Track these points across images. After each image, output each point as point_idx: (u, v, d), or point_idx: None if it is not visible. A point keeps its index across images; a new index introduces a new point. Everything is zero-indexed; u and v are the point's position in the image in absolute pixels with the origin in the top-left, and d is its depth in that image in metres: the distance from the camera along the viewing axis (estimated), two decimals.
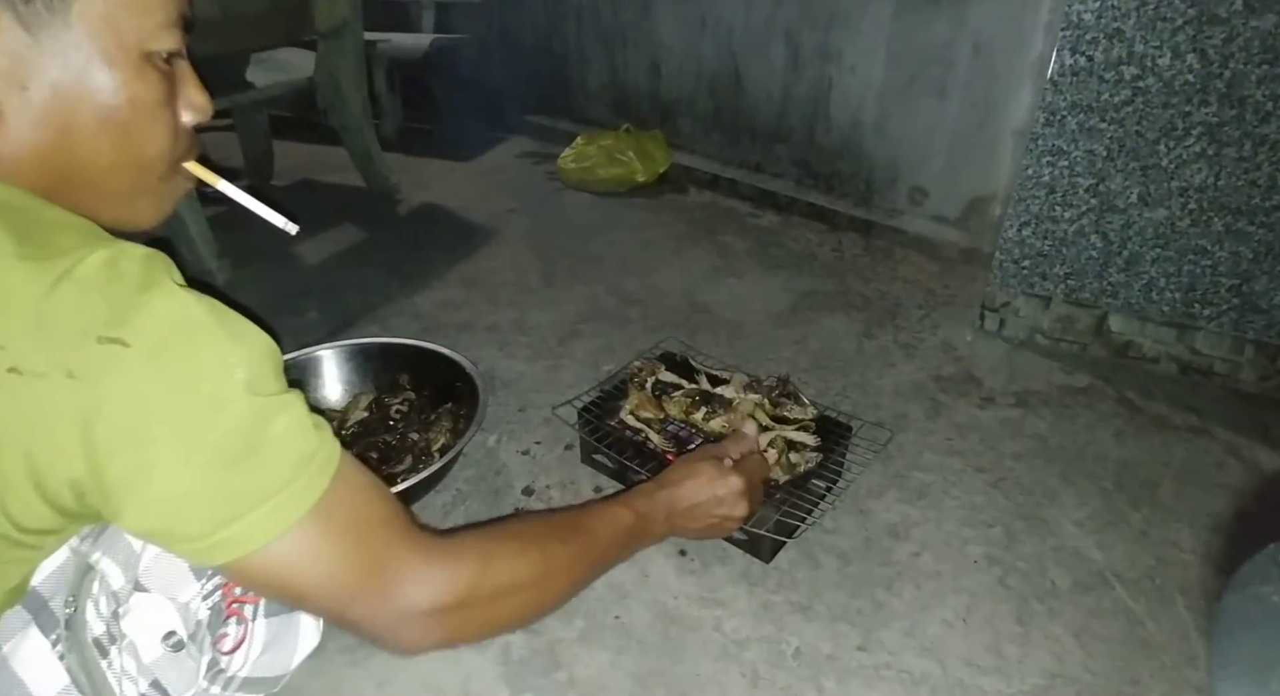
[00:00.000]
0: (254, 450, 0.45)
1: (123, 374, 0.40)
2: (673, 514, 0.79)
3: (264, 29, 1.91)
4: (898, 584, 0.97)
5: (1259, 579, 0.53)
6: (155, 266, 0.44)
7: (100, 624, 0.51)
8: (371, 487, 0.52)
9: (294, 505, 0.46)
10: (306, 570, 0.48)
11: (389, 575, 0.51)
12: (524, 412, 1.32)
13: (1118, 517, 1.09)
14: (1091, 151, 1.34)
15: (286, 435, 0.46)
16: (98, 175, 0.50)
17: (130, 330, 0.40)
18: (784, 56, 2.21)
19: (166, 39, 0.49)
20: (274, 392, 0.46)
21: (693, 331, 1.57)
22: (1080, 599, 0.96)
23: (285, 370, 1.36)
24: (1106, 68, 1.28)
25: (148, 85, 0.49)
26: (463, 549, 0.56)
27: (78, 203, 0.50)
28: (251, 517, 0.44)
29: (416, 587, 0.51)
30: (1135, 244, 1.37)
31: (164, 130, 0.52)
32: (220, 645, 0.58)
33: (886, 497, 1.11)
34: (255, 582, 0.48)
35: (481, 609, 0.56)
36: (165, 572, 0.53)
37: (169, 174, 0.54)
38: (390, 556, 0.51)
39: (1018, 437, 1.25)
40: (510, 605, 0.58)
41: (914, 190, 2.05)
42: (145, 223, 0.55)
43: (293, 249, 1.99)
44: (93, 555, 0.50)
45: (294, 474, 0.46)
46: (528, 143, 3.03)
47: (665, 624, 0.92)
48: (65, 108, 0.46)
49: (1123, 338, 1.45)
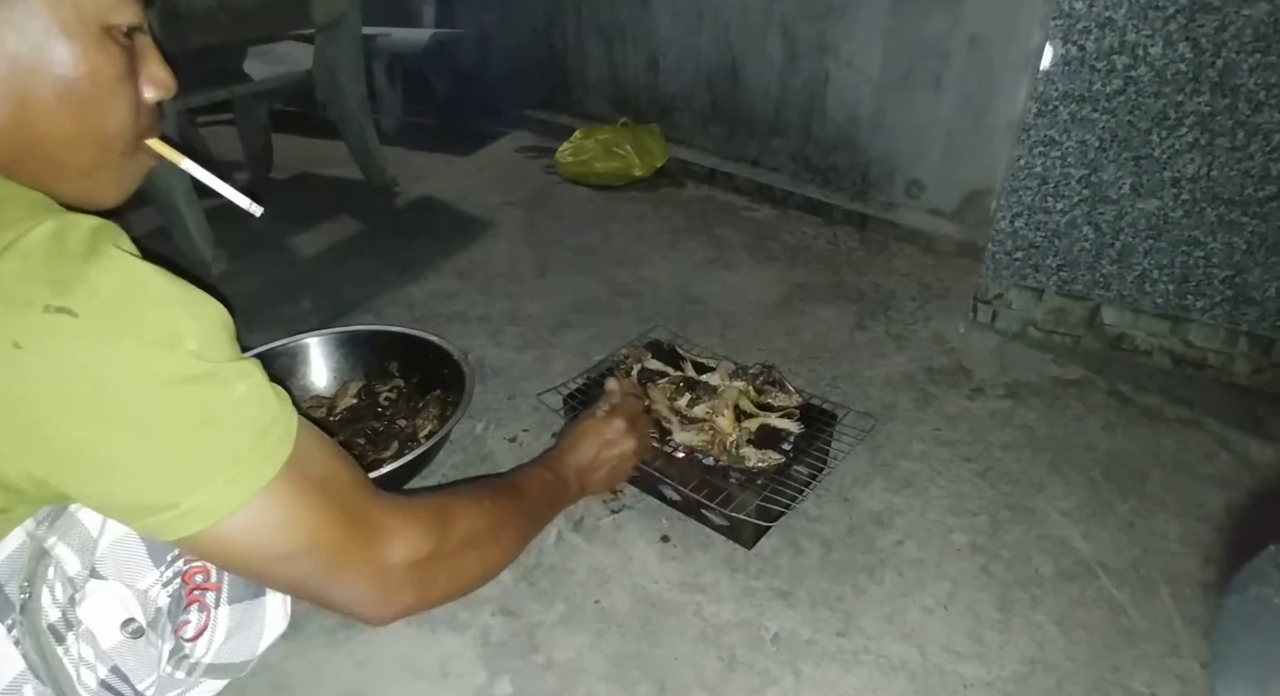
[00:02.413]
0: (213, 416, 0.44)
1: (71, 343, 0.40)
2: (578, 472, 0.91)
3: (261, 21, 1.91)
4: (880, 571, 0.97)
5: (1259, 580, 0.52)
6: (103, 236, 0.43)
7: (56, 610, 0.50)
8: (334, 452, 0.53)
9: (262, 468, 0.46)
10: (282, 533, 0.48)
11: (364, 529, 0.52)
12: (512, 401, 1.32)
13: (1105, 508, 1.08)
14: (1084, 142, 1.34)
15: (247, 400, 0.46)
16: (57, 149, 0.49)
17: (76, 299, 0.40)
18: (781, 49, 2.21)
19: (127, 12, 0.49)
20: (227, 360, 0.46)
21: (685, 322, 1.57)
22: (1064, 587, 0.95)
23: (275, 357, 1.35)
24: (1098, 57, 1.28)
25: (108, 58, 0.49)
26: (422, 505, 0.59)
27: (36, 177, 0.49)
28: (218, 483, 0.44)
29: (392, 540, 0.54)
30: (1128, 235, 1.36)
31: (125, 105, 0.51)
32: (182, 632, 0.58)
33: (872, 486, 1.11)
34: (229, 553, 0.48)
35: (450, 560, 0.59)
36: (122, 560, 0.53)
37: (130, 150, 0.54)
38: (362, 512, 0.53)
39: (1006, 428, 1.24)
40: (473, 557, 0.63)
41: (910, 183, 2.05)
42: (107, 200, 0.55)
43: (289, 240, 2.00)
44: (48, 540, 0.50)
45: (258, 438, 0.46)
46: (526, 136, 3.03)
47: (645, 608, 0.92)
48: (23, 80, 0.46)
49: (1115, 330, 1.44)
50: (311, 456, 0.50)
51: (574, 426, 0.96)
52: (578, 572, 0.96)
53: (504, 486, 0.77)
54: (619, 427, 0.95)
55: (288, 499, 0.48)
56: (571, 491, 0.90)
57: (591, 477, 0.93)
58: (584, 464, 0.92)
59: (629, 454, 0.96)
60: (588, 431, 0.95)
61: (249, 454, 0.46)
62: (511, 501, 0.74)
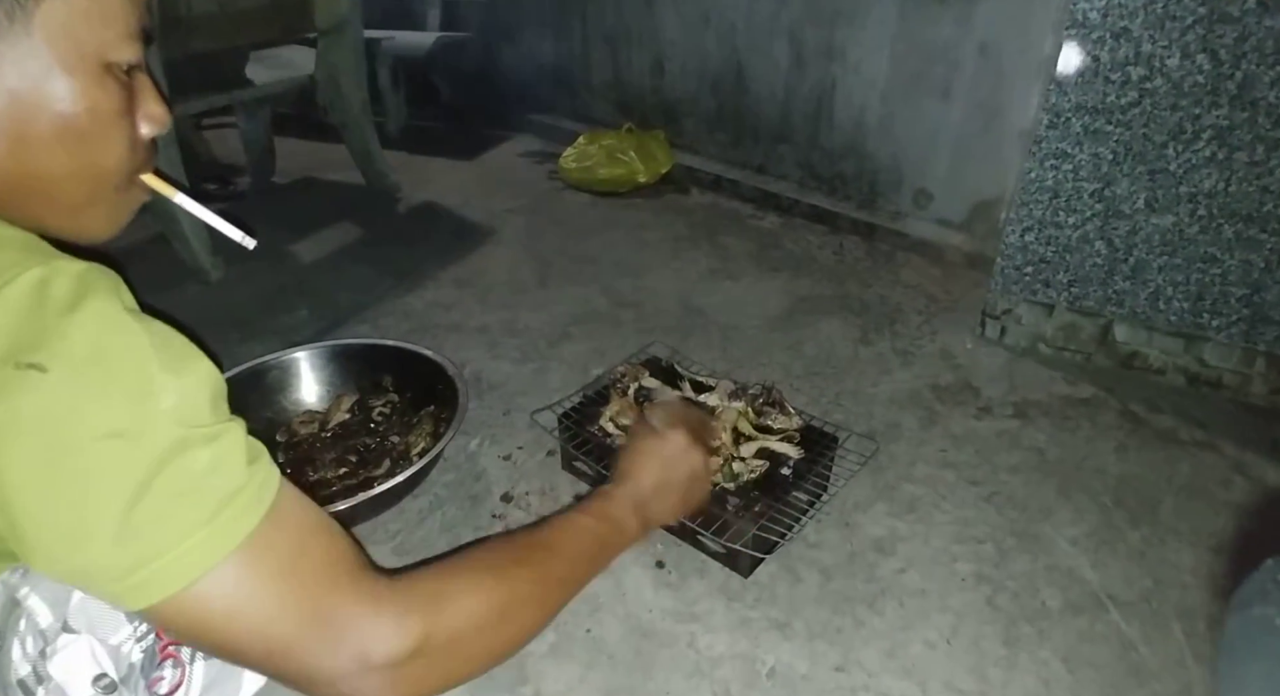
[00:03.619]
0: (174, 483, 0.42)
1: (37, 397, 0.38)
2: (641, 504, 0.74)
3: (263, 25, 1.90)
4: (881, 601, 0.94)
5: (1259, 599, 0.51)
6: (89, 285, 0.41)
7: (26, 664, 0.48)
8: (315, 524, 0.48)
9: (219, 541, 0.42)
10: (237, 615, 0.43)
11: (331, 623, 0.46)
12: (508, 416, 1.29)
13: (1115, 536, 1.05)
14: (1097, 155, 1.30)
15: (212, 468, 0.43)
16: (52, 185, 0.48)
17: (49, 354, 0.38)
18: (787, 55, 2.18)
19: (127, 50, 0.49)
20: (205, 424, 0.43)
21: (685, 335, 1.54)
22: (1071, 621, 0.92)
23: (268, 370, 1.33)
24: (1113, 68, 1.24)
25: (107, 95, 0.48)
26: (412, 591, 0.50)
27: (28, 212, 0.48)
28: (172, 556, 0.41)
29: (364, 638, 0.46)
30: (1142, 251, 1.33)
31: (122, 141, 0.51)
32: (156, 688, 0.56)
33: (874, 511, 1.08)
34: (182, 630, 0.44)
35: (441, 657, 0.50)
36: (96, 613, 0.50)
37: (125, 185, 0.53)
38: (331, 602, 0.46)
39: (1014, 450, 1.21)
40: (475, 647, 0.53)
41: (918, 193, 2.01)
42: (99, 235, 0.53)
43: (288, 247, 1.98)
44: (20, 589, 0.48)
45: (218, 508, 0.43)
46: (531, 141, 3.00)
47: (638, 638, 0.89)
48: (23, 116, 0.45)
49: (1128, 347, 1.41)
50: (283, 529, 0.46)
51: (630, 450, 0.79)
52: None
53: (530, 549, 0.62)
54: (681, 441, 0.79)
55: (241, 581, 0.43)
56: (629, 533, 0.72)
57: (657, 507, 0.76)
58: (645, 494, 0.75)
59: (699, 471, 0.80)
60: (644, 454, 0.78)
61: (208, 525, 0.42)
62: (536, 569, 0.60)
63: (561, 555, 0.63)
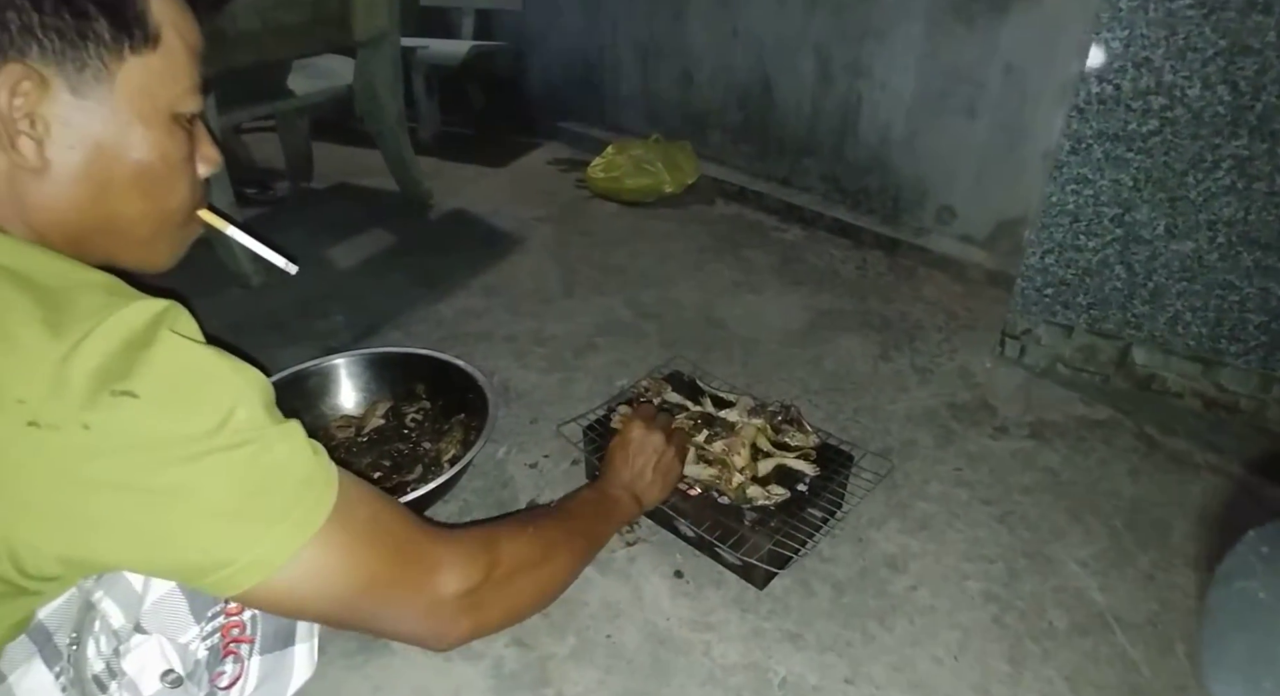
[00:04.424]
0: (262, 477, 0.48)
1: (132, 420, 0.43)
2: (625, 485, 0.93)
3: (304, 39, 1.96)
4: (891, 617, 0.97)
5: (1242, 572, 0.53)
6: (164, 322, 0.47)
7: (100, 661, 0.53)
8: (378, 494, 0.57)
9: (310, 517, 0.50)
10: (335, 574, 0.51)
11: (415, 563, 0.56)
12: (535, 425, 1.34)
13: (1125, 559, 1.07)
14: (1117, 181, 1.32)
15: (290, 459, 0.50)
16: (127, 224, 0.55)
17: (138, 382, 0.43)
18: (814, 70, 2.21)
19: (191, 102, 0.55)
20: (270, 424, 0.49)
21: (706, 348, 1.58)
22: (1077, 641, 0.95)
23: (308, 376, 1.40)
24: (1134, 97, 1.26)
25: (176, 143, 0.55)
26: (469, 535, 0.62)
27: (104, 248, 0.55)
28: (271, 538, 0.48)
29: (442, 572, 0.57)
30: (1161, 276, 1.34)
31: (186, 182, 0.58)
32: (217, 681, 0.61)
33: (887, 527, 1.11)
34: (287, 601, 0.51)
35: (502, 587, 0.62)
36: (166, 616, 0.56)
37: (186, 221, 0.60)
38: (412, 546, 0.56)
39: (1029, 470, 1.23)
40: (525, 582, 0.66)
41: (942, 209, 2.03)
42: (162, 265, 0.61)
43: (325, 253, 2.05)
44: (95, 593, 0.53)
45: (303, 490, 0.50)
46: (560, 149, 3.06)
47: (655, 645, 0.93)
48: (105, 164, 0.52)
49: (1146, 370, 1.42)
50: (355, 500, 0.53)
51: (609, 451, 0.98)
52: (590, 605, 0.98)
53: (550, 513, 0.83)
54: (638, 429, 0.97)
55: (337, 542, 0.51)
56: (625, 505, 0.91)
57: (641, 484, 0.94)
58: (626, 477, 0.94)
59: (663, 449, 0.97)
60: (614, 450, 0.97)
61: (296, 506, 0.49)
62: (558, 524, 0.76)
63: (576, 517, 0.83)
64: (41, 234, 0.52)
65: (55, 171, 0.50)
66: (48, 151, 0.49)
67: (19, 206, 0.50)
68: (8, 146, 0.48)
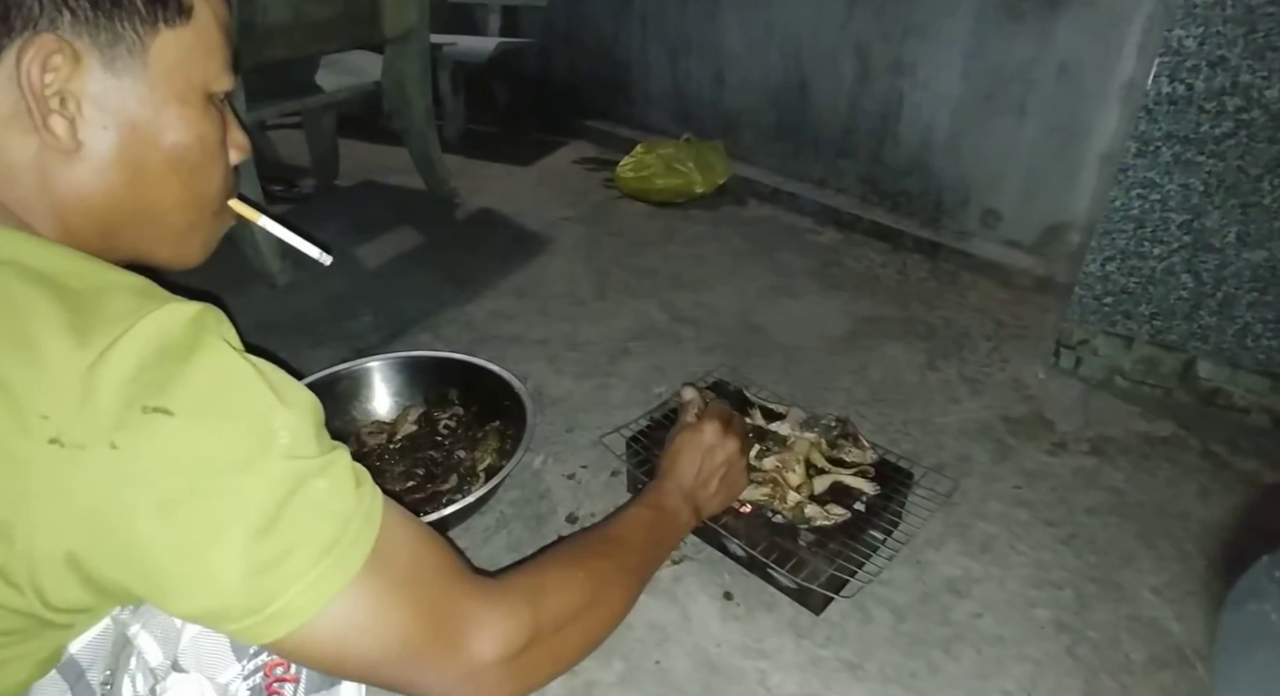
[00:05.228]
0: (297, 515, 0.43)
1: (164, 442, 0.39)
2: (689, 494, 0.85)
3: (334, 34, 1.93)
4: (956, 646, 0.91)
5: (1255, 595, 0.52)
6: (204, 327, 0.43)
7: None
8: (421, 536, 0.51)
9: (344, 565, 0.44)
10: (368, 632, 0.46)
11: (454, 624, 0.50)
12: (571, 434, 1.30)
13: (1200, 587, 1.01)
14: (1187, 186, 1.25)
15: (329, 496, 0.45)
16: (162, 213, 0.52)
17: (173, 397, 0.39)
18: (853, 69, 2.15)
19: (225, 80, 0.52)
20: (315, 454, 0.45)
21: (746, 355, 1.53)
22: (1156, 675, 0.89)
23: (339, 380, 1.35)
24: (1208, 97, 1.19)
25: (212, 124, 0.52)
26: (515, 587, 0.55)
27: (136, 240, 0.52)
28: (301, 585, 0.43)
29: (483, 634, 0.51)
30: (1230, 285, 1.28)
31: (221, 168, 0.54)
32: None
33: (946, 549, 1.05)
34: (316, 655, 0.46)
35: (549, 644, 0.56)
36: (206, 653, 0.51)
37: (220, 210, 0.57)
38: (451, 604, 0.50)
39: (1092, 489, 1.17)
40: (575, 632, 0.59)
41: (986, 213, 1.97)
42: (194, 260, 0.57)
43: (352, 251, 2.02)
44: (131, 627, 0.48)
45: (338, 535, 0.44)
46: (586, 147, 3.01)
47: (706, 673, 0.88)
48: (140, 147, 0.48)
49: (1211, 384, 1.35)
50: (396, 544, 0.48)
51: (670, 449, 0.89)
52: (636, 628, 0.93)
53: (601, 543, 0.72)
54: (715, 431, 0.88)
55: (371, 596, 0.46)
56: (683, 520, 0.83)
57: (704, 495, 0.87)
58: (690, 483, 0.85)
59: (735, 457, 0.89)
60: (682, 447, 0.88)
61: (331, 551, 0.44)
62: (611, 560, 0.69)
63: (630, 546, 0.73)
64: (70, 226, 0.48)
65: (87, 155, 0.46)
66: (80, 133, 0.46)
67: (48, 195, 0.46)
68: (40, 126, 0.44)
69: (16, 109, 0.44)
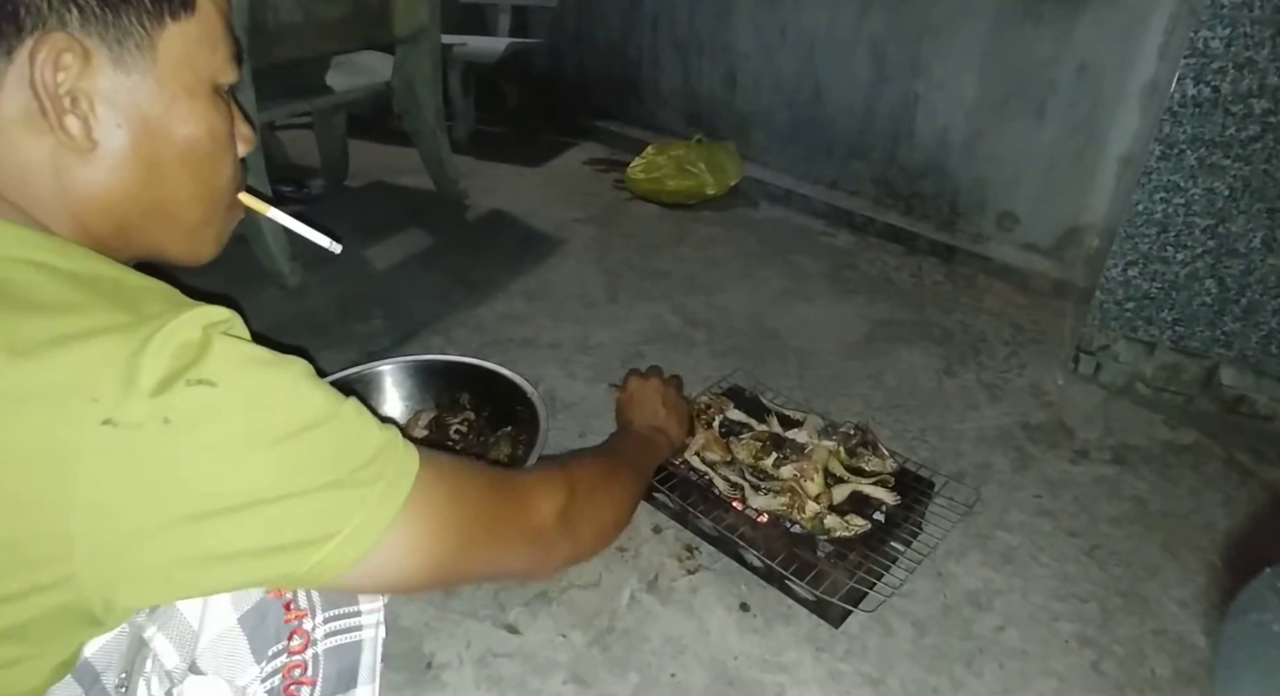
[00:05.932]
0: (350, 448, 0.46)
1: (215, 410, 0.41)
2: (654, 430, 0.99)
3: (345, 34, 1.92)
4: (979, 661, 0.90)
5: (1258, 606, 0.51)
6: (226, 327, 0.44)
7: None
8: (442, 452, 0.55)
9: (402, 476, 0.48)
10: (445, 525, 0.50)
11: (512, 493, 0.58)
12: (584, 439, 1.28)
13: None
14: (1212, 190, 1.23)
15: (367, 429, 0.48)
16: (177, 208, 0.52)
17: (211, 370, 0.41)
18: (868, 69, 2.12)
19: (231, 72, 0.52)
20: (341, 400, 0.47)
21: (760, 359, 1.51)
22: (1182, 691, 0.87)
23: (350, 383, 1.35)
24: (1234, 100, 1.17)
25: (221, 117, 0.52)
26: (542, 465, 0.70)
27: (151, 237, 0.52)
28: (371, 501, 0.46)
29: (536, 497, 0.59)
30: (1255, 291, 1.25)
31: (231, 160, 0.55)
32: None
33: (968, 560, 1.03)
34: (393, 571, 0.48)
35: (586, 504, 0.65)
36: (223, 655, 0.50)
37: (230, 204, 0.57)
38: (502, 480, 0.58)
39: (1115, 499, 1.15)
40: (603, 497, 0.70)
41: (1003, 215, 1.94)
42: (207, 255, 0.57)
43: (362, 252, 2.01)
44: (147, 630, 0.48)
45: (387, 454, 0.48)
46: (596, 148, 3.00)
47: (724, 686, 0.86)
48: (153, 142, 0.48)
49: (1234, 392, 1.33)
50: (433, 456, 0.52)
51: (619, 417, 1.05)
52: (652, 640, 0.92)
53: (593, 452, 0.87)
54: (636, 381, 1.06)
55: (438, 492, 0.50)
56: (655, 441, 0.98)
57: (661, 422, 1.01)
58: (644, 422, 1.00)
59: (662, 388, 1.05)
60: (620, 408, 1.05)
61: (389, 467, 0.47)
62: (608, 455, 0.83)
63: (618, 451, 0.91)
64: (87, 225, 0.48)
65: (102, 153, 0.46)
66: (95, 132, 0.46)
67: (64, 195, 0.46)
68: (55, 127, 0.44)
69: (29, 110, 0.44)
